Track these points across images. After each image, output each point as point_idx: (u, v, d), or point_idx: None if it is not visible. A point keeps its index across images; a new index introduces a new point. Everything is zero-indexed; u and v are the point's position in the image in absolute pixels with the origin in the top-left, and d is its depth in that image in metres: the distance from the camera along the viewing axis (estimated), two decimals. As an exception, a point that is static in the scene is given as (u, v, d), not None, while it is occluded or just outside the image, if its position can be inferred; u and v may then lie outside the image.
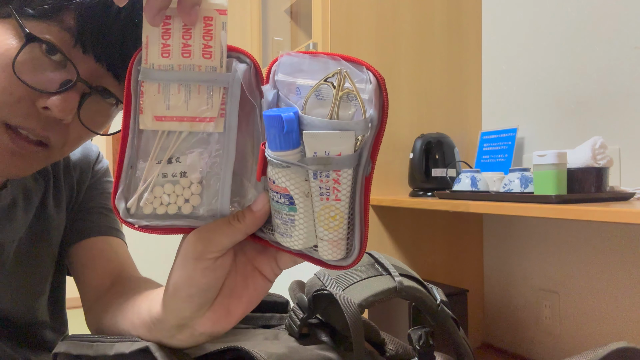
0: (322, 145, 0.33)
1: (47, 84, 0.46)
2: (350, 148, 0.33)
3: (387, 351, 0.50)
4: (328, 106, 0.33)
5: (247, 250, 0.42)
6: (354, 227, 0.37)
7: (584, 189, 1.04)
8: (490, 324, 1.60)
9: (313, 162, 0.33)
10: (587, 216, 0.87)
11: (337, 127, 0.33)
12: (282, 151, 0.34)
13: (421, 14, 1.52)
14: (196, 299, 0.39)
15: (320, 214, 0.35)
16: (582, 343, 1.34)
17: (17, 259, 0.62)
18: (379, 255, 0.51)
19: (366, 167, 0.35)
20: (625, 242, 1.23)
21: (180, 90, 0.38)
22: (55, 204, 0.67)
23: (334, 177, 0.34)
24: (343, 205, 0.35)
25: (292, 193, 0.35)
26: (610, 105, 1.27)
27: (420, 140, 1.41)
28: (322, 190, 0.34)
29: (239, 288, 0.42)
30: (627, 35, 1.23)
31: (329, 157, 0.33)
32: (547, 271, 1.42)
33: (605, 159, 1.06)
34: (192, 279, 0.39)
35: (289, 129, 0.33)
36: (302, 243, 0.37)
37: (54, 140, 0.50)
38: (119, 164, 0.39)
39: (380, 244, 1.43)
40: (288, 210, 0.36)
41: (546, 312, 1.42)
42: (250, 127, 0.40)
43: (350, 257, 0.37)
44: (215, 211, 0.39)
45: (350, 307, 0.43)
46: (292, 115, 0.33)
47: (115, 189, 0.39)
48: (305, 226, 0.36)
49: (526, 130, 1.48)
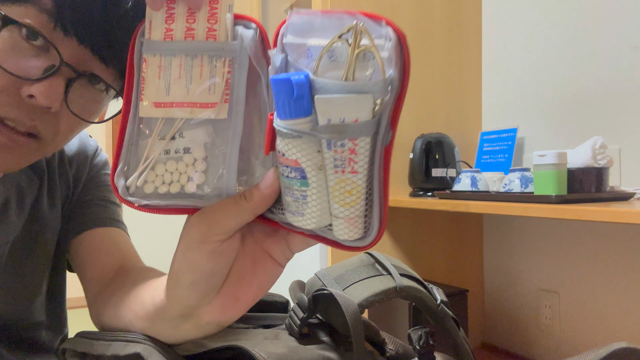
0: (337, 111, 0.30)
1: (30, 71, 0.44)
2: (367, 113, 0.30)
3: (387, 351, 0.50)
4: (343, 68, 0.30)
5: (255, 232, 0.39)
6: (372, 203, 0.33)
7: (584, 189, 1.04)
8: (490, 324, 1.60)
9: (326, 131, 0.30)
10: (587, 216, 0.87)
11: (352, 89, 0.29)
12: (292, 119, 0.31)
13: (421, 14, 1.52)
14: (201, 286, 0.37)
15: (335, 189, 0.32)
16: (582, 343, 1.34)
17: (11, 261, 0.61)
18: (379, 255, 0.51)
19: (386, 135, 0.32)
20: (626, 242, 1.23)
21: (182, 74, 0.36)
22: (49, 203, 0.65)
23: (349, 146, 0.31)
24: (360, 179, 0.32)
25: (304, 166, 0.32)
26: (610, 105, 1.27)
27: (420, 140, 1.41)
28: (337, 162, 0.31)
29: (247, 273, 0.39)
30: (627, 35, 1.23)
31: (344, 124, 0.30)
32: (547, 271, 1.42)
33: (606, 159, 1.06)
34: (196, 265, 0.36)
35: (299, 94, 0.30)
36: (316, 222, 0.34)
37: (44, 131, 0.48)
38: (119, 141, 0.37)
39: (380, 243, 1.43)
40: (299, 185, 0.33)
41: (546, 312, 1.42)
42: (257, 100, 0.38)
43: (368, 236, 0.34)
44: (220, 190, 0.37)
45: (350, 307, 0.43)
46: (302, 78, 0.30)
47: (115, 166, 0.37)
48: (319, 202, 0.33)
49: (526, 130, 1.48)
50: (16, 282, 0.62)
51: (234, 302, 0.39)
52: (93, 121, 0.52)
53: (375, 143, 0.32)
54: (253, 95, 0.37)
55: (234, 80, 0.36)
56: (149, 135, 0.37)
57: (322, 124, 0.30)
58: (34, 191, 0.63)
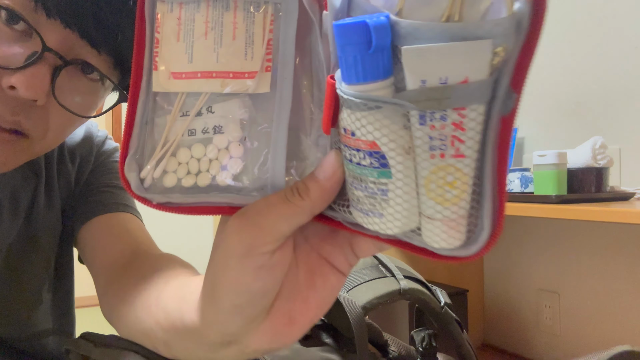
0: (435, 67, 0.21)
1: (11, 59, 0.39)
2: (483, 69, 0.21)
3: (389, 353, 0.50)
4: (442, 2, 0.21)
5: (309, 234, 0.30)
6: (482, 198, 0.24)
7: (584, 189, 1.04)
8: (490, 324, 1.60)
9: (420, 97, 0.21)
10: (587, 216, 0.87)
11: (459, 34, 0.20)
12: (367, 83, 0.22)
13: (421, 13, 1.52)
14: (247, 310, 0.29)
15: (431, 180, 0.23)
16: (583, 343, 1.34)
17: (7, 270, 0.56)
18: (382, 256, 0.51)
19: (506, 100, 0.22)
20: (626, 242, 1.23)
21: (209, 33, 0.27)
22: (47, 203, 0.59)
23: (454, 119, 0.21)
24: (468, 165, 0.23)
25: (385, 149, 0.23)
26: (610, 105, 1.27)
27: (420, 140, 1.41)
28: (435, 143, 0.22)
29: (303, 287, 0.30)
30: (627, 35, 1.23)
31: (446, 86, 0.21)
32: (547, 271, 1.43)
33: (606, 159, 1.06)
34: (240, 284, 0.28)
35: (378, 45, 0.21)
36: (400, 225, 0.25)
37: (30, 127, 0.42)
38: (128, 120, 0.28)
39: (380, 244, 1.43)
40: (377, 176, 0.24)
41: (546, 312, 1.42)
42: (307, 57, 0.29)
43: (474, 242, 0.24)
44: (264, 182, 0.28)
45: (354, 309, 0.43)
46: (383, 20, 0.21)
47: (125, 153, 0.28)
48: (406, 200, 0.24)
49: (526, 130, 1.48)
50: (13, 293, 0.57)
51: (288, 325, 0.30)
52: (89, 115, 0.46)
53: (491, 113, 0.22)
54: (301, 51, 0.29)
55: (279, 36, 0.28)
56: (168, 110, 0.28)
57: (412, 87, 0.21)
58: (30, 191, 0.57)
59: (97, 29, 0.41)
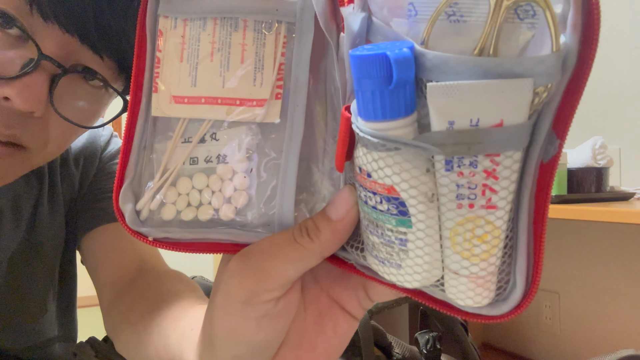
0: (466, 107, 0.18)
1: (6, 67, 0.36)
2: (521, 111, 0.18)
3: (394, 355, 0.50)
4: (474, 32, 0.18)
5: (319, 274, 0.28)
6: (516, 253, 0.21)
7: (584, 189, 1.04)
8: (490, 324, 1.60)
9: (447, 140, 0.19)
10: (587, 216, 0.87)
11: (494, 70, 0.17)
12: (386, 121, 0.19)
13: (420, 13, 1.52)
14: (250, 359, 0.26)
15: (458, 232, 0.21)
16: (583, 343, 1.34)
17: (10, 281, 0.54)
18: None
19: (547, 145, 0.20)
20: (626, 242, 1.24)
21: (215, 54, 0.25)
22: (50, 210, 0.57)
23: (486, 166, 0.19)
24: (501, 217, 0.20)
25: (405, 196, 0.21)
26: (610, 105, 1.27)
27: (419, 140, 1.41)
28: (463, 191, 0.20)
29: (311, 333, 0.27)
30: (627, 35, 1.23)
31: (478, 129, 0.18)
32: (547, 271, 1.43)
33: (606, 159, 1.06)
34: (240, 334, 0.25)
35: (400, 80, 0.18)
36: (420, 279, 0.22)
37: (28, 140, 0.39)
38: (125, 144, 0.26)
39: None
40: (395, 224, 0.22)
41: (546, 312, 1.42)
42: (321, 84, 0.26)
43: (505, 301, 0.22)
44: (271, 218, 0.26)
45: (359, 312, 0.42)
46: (406, 52, 0.18)
47: (120, 182, 0.26)
48: (427, 252, 0.22)
49: (525, 130, 1.49)
50: (17, 304, 0.56)
51: None
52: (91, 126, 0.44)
53: (528, 159, 0.20)
54: (316, 74, 0.26)
55: (292, 58, 0.25)
56: (169, 136, 0.26)
57: (438, 129, 0.19)
58: (32, 197, 0.55)
59: (98, 33, 0.37)
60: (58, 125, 0.40)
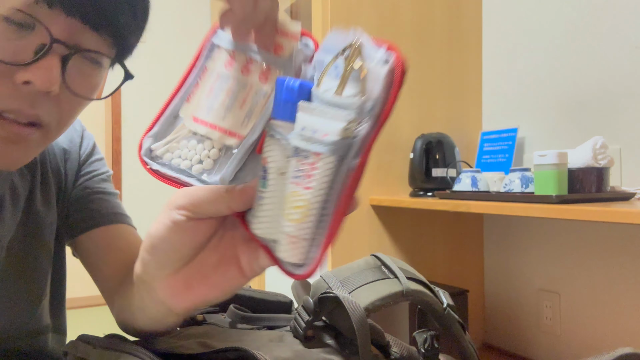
0: (312, 121, 0.30)
1: (20, 54, 0.40)
2: (337, 132, 0.30)
3: (391, 354, 0.50)
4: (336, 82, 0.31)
5: (236, 235, 0.39)
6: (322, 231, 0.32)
7: (584, 189, 1.04)
8: (491, 324, 1.60)
9: (296, 137, 0.30)
10: (588, 216, 0.87)
11: (330, 102, 0.30)
12: (278, 120, 0.32)
13: (421, 14, 1.52)
14: (159, 253, 0.37)
15: (287, 201, 0.31)
16: (583, 343, 1.34)
17: (11, 263, 0.57)
18: (385, 257, 0.51)
19: (353, 160, 0.31)
20: (626, 242, 1.23)
21: (230, 96, 0.38)
22: (43, 199, 0.61)
23: (311, 160, 0.30)
24: (312, 197, 0.31)
25: (268, 166, 0.33)
26: (610, 105, 1.27)
27: (420, 140, 1.41)
28: (297, 173, 0.31)
29: (208, 268, 0.38)
30: (627, 35, 1.23)
31: (314, 136, 0.30)
32: (548, 271, 1.43)
33: (606, 158, 1.06)
34: (157, 229, 0.37)
35: (286, 98, 0.32)
36: (263, 228, 0.34)
37: (47, 118, 0.45)
38: (163, 108, 0.39)
39: (380, 244, 1.43)
40: (261, 185, 0.34)
41: (547, 312, 1.42)
42: None
43: (305, 265, 0.33)
44: (218, 182, 0.39)
45: (356, 310, 0.43)
46: (295, 85, 0.32)
47: (150, 127, 0.39)
48: (270, 209, 0.33)
49: (527, 130, 1.48)
50: (19, 287, 0.58)
51: (185, 289, 0.38)
52: (94, 98, 0.49)
53: (341, 166, 0.31)
54: None
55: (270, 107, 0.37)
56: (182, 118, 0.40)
57: (296, 130, 0.31)
58: (26, 188, 0.59)
59: (97, 13, 0.42)
60: (68, 101, 0.46)
